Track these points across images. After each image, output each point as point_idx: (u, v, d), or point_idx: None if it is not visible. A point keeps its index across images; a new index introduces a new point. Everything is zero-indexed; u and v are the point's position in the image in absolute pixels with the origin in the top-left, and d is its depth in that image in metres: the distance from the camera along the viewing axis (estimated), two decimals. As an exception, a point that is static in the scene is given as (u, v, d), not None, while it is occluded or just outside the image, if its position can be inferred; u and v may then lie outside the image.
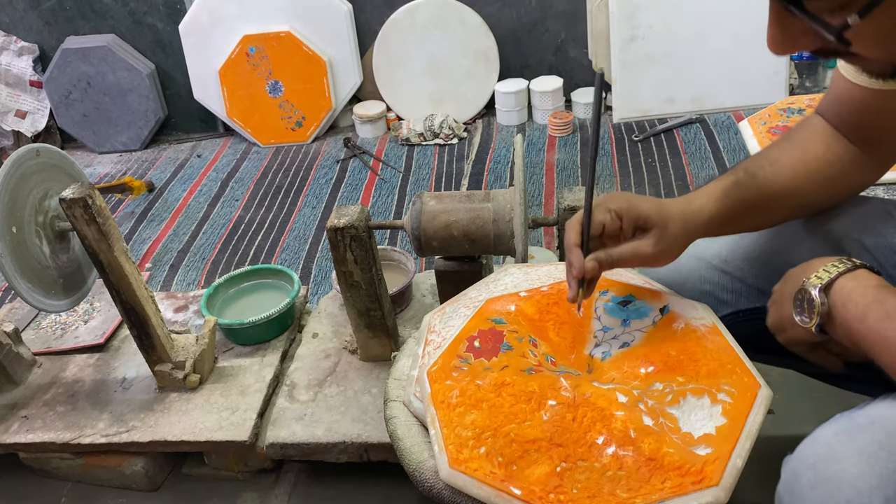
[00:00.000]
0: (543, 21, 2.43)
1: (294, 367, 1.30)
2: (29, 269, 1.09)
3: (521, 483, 0.63)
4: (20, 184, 1.07)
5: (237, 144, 2.61)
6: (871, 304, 0.60)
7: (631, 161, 2.14)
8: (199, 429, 1.20)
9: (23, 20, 2.57)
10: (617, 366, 0.74)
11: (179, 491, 1.29)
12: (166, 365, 1.26)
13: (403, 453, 0.74)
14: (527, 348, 0.76)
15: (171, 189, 2.36)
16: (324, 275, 1.83)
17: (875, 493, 0.53)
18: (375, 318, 1.20)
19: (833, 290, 0.63)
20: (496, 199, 1.07)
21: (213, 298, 1.39)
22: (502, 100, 2.43)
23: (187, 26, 2.46)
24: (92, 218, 1.06)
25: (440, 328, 0.82)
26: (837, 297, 0.62)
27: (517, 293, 0.83)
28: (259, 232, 2.06)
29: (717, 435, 0.64)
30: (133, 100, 2.58)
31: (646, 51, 2.24)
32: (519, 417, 0.67)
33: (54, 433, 1.23)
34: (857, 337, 0.61)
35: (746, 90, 2.25)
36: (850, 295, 0.62)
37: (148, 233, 2.13)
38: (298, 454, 1.18)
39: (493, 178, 2.17)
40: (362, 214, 1.09)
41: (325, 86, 2.46)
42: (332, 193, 2.21)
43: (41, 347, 1.42)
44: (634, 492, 0.61)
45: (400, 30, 2.42)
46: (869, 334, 0.60)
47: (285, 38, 2.41)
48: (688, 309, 0.77)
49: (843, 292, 0.62)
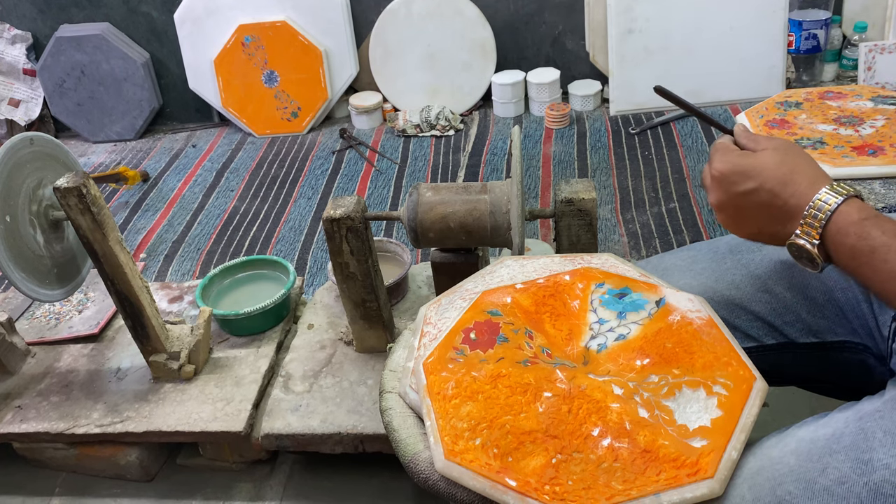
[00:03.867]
0: (541, 13, 2.42)
1: (289, 358, 1.30)
2: (23, 259, 1.08)
3: (517, 475, 0.63)
4: (14, 172, 1.06)
5: (232, 135, 2.60)
6: (855, 244, 0.60)
7: (627, 154, 2.14)
8: (194, 419, 1.20)
9: (16, 7, 2.55)
10: (613, 358, 0.74)
11: (174, 481, 1.29)
12: (161, 355, 1.25)
13: (399, 445, 0.74)
14: (523, 340, 0.76)
15: (165, 179, 2.36)
16: (319, 266, 1.83)
17: None
18: (371, 310, 1.20)
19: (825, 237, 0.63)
20: (493, 191, 1.07)
21: (208, 289, 1.39)
22: (499, 91, 2.43)
23: (182, 15, 2.45)
24: (86, 207, 1.05)
25: (436, 320, 0.82)
26: (829, 244, 0.63)
27: (513, 285, 0.83)
28: (254, 222, 2.06)
29: (713, 427, 0.64)
30: (127, 89, 2.56)
31: (643, 43, 2.24)
32: (514, 409, 0.67)
33: (48, 423, 1.23)
34: (852, 274, 0.62)
35: (743, 83, 2.25)
36: (836, 237, 0.62)
37: (143, 223, 2.12)
38: (293, 445, 1.18)
39: (489, 169, 2.17)
40: (358, 205, 1.09)
41: (321, 76, 2.45)
42: (327, 184, 2.20)
43: (35, 337, 1.41)
44: (630, 483, 0.61)
45: (396, 20, 2.41)
46: (860, 270, 0.61)
47: (281, 28, 2.39)
48: (683, 301, 0.77)
49: (832, 238, 0.62)
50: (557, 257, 0.88)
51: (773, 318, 0.81)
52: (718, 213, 0.70)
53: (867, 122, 1.20)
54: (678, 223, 1.82)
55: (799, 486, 0.56)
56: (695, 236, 1.77)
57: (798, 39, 2.19)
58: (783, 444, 0.60)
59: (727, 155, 0.68)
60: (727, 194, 0.68)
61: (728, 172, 0.67)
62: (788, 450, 0.59)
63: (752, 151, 0.68)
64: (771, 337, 0.82)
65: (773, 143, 0.68)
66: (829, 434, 0.58)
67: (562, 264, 0.85)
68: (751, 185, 0.66)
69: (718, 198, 0.69)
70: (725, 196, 0.68)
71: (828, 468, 0.56)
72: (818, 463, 0.56)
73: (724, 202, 0.69)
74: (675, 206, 1.88)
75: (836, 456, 0.56)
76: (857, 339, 0.78)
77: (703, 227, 1.79)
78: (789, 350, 0.81)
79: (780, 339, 0.81)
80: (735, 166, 0.67)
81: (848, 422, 0.59)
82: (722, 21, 2.18)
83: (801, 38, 2.18)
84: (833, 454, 0.56)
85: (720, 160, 0.68)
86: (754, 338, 0.82)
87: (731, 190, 0.67)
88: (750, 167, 0.66)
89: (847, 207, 0.61)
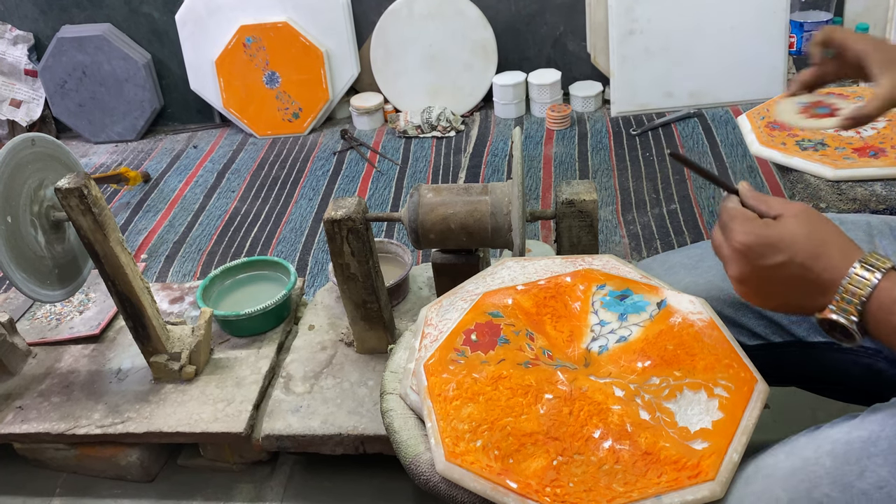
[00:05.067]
0: (542, 13, 2.42)
1: (290, 359, 1.30)
2: (24, 259, 1.08)
3: (518, 476, 0.63)
4: (15, 173, 1.06)
5: (233, 135, 2.60)
6: None
7: (629, 155, 2.14)
8: (195, 420, 1.20)
9: (18, 8, 2.55)
10: (614, 360, 0.74)
11: (174, 482, 1.29)
12: (162, 356, 1.25)
13: (399, 446, 0.74)
14: (524, 342, 0.76)
15: (166, 180, 2.36)
16: (320, 267, 1.83)
17: None
18: (372, 311, 1.20)
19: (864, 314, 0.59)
20: (494, 192, 1.07)
21: (208, 290, 1.39)
22: (500, 92, 2.43)
23: (184, 16, 2.45)
24: (87, 208, 1.05)
25: (437, 321, 0.82)
26: (869, 320, 0.60)
27: (514, 287, 0.83)
28: (255, 223, 2.06)
29: (714, 429, 0.64)
30: (129, 90, 2.56)
31: (644, 44, 2.24)
32: (515, 411, 0.67)
33: (49, 424, 1.23)
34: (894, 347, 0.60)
35: (744, 85, 2.25)
36: (878, 314, 0.59)
37: (144, 223, 2.12)
38: (294, 446, 1.18)
39: (490, 171, 2.16)
40: (359, 206, 1.09)
41: (323, 77, 2.45)
42: (328, 185, 2.20)
43: (36, 338, 1.41)
44: (631, 486, 0.61)
45: (398, 21, 2.41)
46: None
47: (282, 29, 2.40)
48: (685, 303, 0.77)
49: (873, 314, 0.59)
50: (558, 258, 0.88)
51: (780, 316, 0.81)
52: (739, 286, 0.65)
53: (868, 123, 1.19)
54: (679, 224, 1.82)
55: (836, 489, 0.55)
56: (696, 237, 1.77)
57: (799, 41, 2.19)
58: (817, 445, 0.59)
59: (749, 225, 0.62)
60: (752, 267, 0.62)
61: (753, 245, 0.61)
62: (823, 451, 0.58)
63: (773, 220, 0.63)
64: (778, 335, 0.82)
65: (789, 207, 0.63)
66: (864, 436, 0.57)
67: (563, 266, 0.85)
68: (780, 258, 0.61)
69: (741, 271, 0.63)
70: (750, 269, 0.62)
71: (866, 471, 0.55)
72: (855, 466, 0.56)
73: (747, 275, 0.63)
74: (675, 208, 1.88)
75: (874, 459, 0.55)
76: (867, 342, 0.77)
77: (704, 228, 1.79)
78: (796, 348, 0.81)
79: (788, 337, 0.81)
80: (760, 238, 0.61)
81: (884, 424, 0.58)
82: (723, 22, 2.18)
83: (803, 39, 2.18)
84: (871, 457, 0.56)
85: (742, 231, 0.62)
86: (761, 336, 0.82)
87: (757, 263, 0.62)
88: (777, 239, 0.61)
89: (887, 283, 0.58)
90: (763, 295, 0.64)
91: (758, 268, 0.62)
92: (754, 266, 0.62)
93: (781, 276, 0.61)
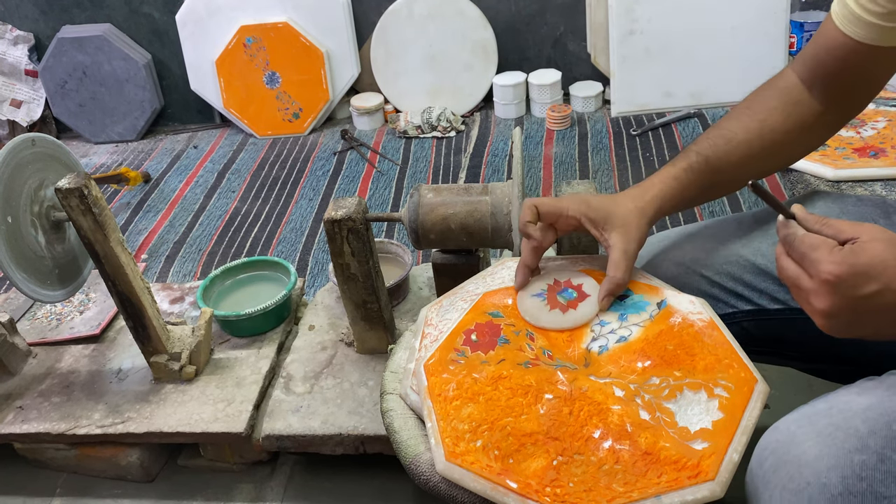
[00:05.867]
0: (542, 14, 2.42)
1: (290, 359, 1.30)
2: (24, 259, 1.08)
3: (518, 476, 0.63)
4: (15, 173, 1.06)
5: (234, 135, 2.60)
6: None
7: (629, 155, 2.14)
8: (195, 420, 1.20)
9: (18, 8, 2.55)
10: (614, 360, 0.74)
11: (174, 482, 1.29)
12: (162, 356, 1.25)
13: (400, 446, 0.74)
14: (524, 342, 0.76)
15: (167, 180, 2.36)
16: (320, 267, 1.83)
17: (832, 472, 0.54)
18: (372, 311, 1.20)
19: None
20: (494, 193, 1.07)
21: (209, 290, 1.39)
22: (500, 93, 2.43)
23: (184, 16, 2.45)
24: (88, 208, 1.05)
25: (437, 321, 0.82)
26: None
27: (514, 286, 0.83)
28: (255, 223, 2.06)
29: (714, 430, 0.64)
30: (129, 90, 2.56)
31: (644, 45, 2.24)
32: (516, 411, 0.67)
33: (49, 424, 1.23)
34: None
35: (745, 85, 2.22)
36: None
37: (144, 224, 2.12)
38: (294, 446, 1.18)
39: (490, 171, 2.17)
40: (360, 207, 1.09)
41: (323, 77, 2.45)
42: (329, 185, 2.20)
43: (36, 338, 1.42)
44: (631, 486, 0.61)
45: (398, 21, 2.41)
46: None
47: (283, 29, 2.40)
48: (685, 304, 0.77)
49: None
50: (560, 259, 0.88)
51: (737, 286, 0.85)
52: (829, 320, 0.61)
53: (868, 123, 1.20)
54: (679, 225, 1.82)
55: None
56: (696, 238, 1.76)
57: (800, 41, 2.19)
58: (888, 385, 0.60)
59: (836, 254, 0.59)
60: (846, 299, 0.59)
61: (846, 275, 0.58)
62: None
63: (856, 246, 0.60)
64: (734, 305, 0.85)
65: (862, 230, 0.61)
66: None
67: (563, 266, 0.85)
68: (874, 286, 0.58)
69: (834, 303, 0.60)
70: (843, 301, 0.59)
71: None
72: None
73: (841, 307, 0.60)
74: (676, 208, 1.88)
75: None
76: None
77: (705, 228, 1.79)
78: None
79: None
80: (853, 267, 0.58)
81: None
82: (723, 22, 2.18)
83: (803, 39, 2.18)
84: None
85: (831, 261, 0.59)
86: (781, 300, 0.84)
87: (851, 294, 0.59)
88: (869, 266, 0.58)
89: None
90: (856, 325, 0.61)
91: (851, 299, 0.59)
92: (847, 297, 0.59)
93: (875, 305, 0.59)
